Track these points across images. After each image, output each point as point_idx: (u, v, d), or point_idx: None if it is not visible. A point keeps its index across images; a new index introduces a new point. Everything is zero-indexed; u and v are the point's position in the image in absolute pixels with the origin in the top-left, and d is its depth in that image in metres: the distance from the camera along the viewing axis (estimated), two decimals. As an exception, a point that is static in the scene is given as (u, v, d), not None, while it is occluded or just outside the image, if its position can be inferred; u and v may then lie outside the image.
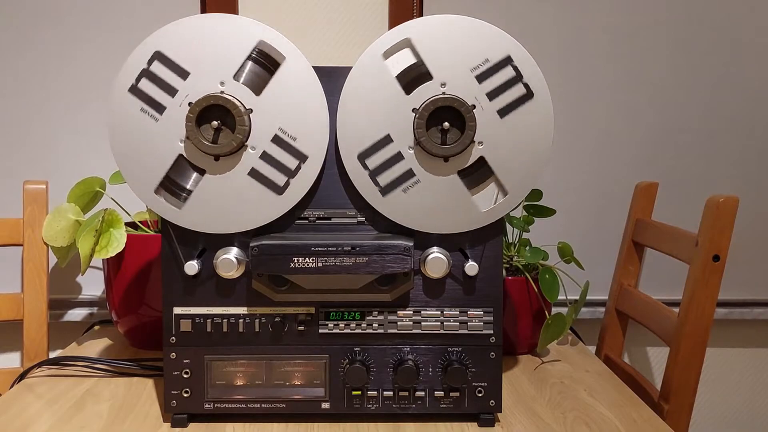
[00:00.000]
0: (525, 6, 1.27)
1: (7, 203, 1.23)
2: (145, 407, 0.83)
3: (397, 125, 0.74)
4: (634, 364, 1.38)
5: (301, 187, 0.75)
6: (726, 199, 0.91)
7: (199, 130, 0.72)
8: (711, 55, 1.29)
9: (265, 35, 0.73)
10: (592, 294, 1.15)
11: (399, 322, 0.78)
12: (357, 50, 1.25)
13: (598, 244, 1.28)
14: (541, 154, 0.75)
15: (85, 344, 1.10)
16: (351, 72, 0.74)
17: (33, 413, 0.82)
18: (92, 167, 1.14)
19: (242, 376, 0.78)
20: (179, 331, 0.77)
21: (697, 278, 0.93)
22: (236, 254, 0.75)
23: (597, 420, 0.80)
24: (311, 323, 0.78)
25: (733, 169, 1.31)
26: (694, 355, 0.94)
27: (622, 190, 1.26)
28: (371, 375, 0.78)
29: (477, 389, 0.78)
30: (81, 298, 1.28)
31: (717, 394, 1.38)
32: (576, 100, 1.29)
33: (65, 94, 1.25)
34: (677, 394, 0.95)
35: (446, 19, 0.73)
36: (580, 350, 1.09)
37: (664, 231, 1.07)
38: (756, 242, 1.32)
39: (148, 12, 1.24)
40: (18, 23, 1.23)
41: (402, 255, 0.73)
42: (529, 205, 1.07)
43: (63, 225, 1.04)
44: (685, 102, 1.30)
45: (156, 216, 1.08)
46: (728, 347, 1.37)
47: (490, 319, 0.78)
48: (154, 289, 1.01)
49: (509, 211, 0.77)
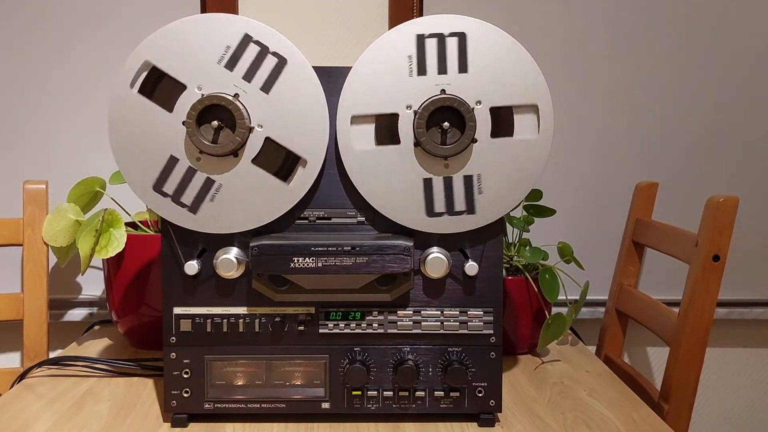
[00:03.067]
0: (525, 6, 1.27)
1: (7, 203, 1.23)
2: (145, 407, 0.83)
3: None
4: (634, 364, 1.38)
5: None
6: (726, 199, 0.91)
7: (199, 130, 0.72)
8: (711, 55, 1.29)
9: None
10: (592, 294, 1.15)
11: (399, 322, 0.78)
12: (357, 50, 1.25)
13: (598, 244, 1.28)
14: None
15: (85, 344, 1.10)
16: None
17: (33, 413, 0.82)
18: (92, 167, 1.14)
19: (242, 376, 0.78)
20: (179, 331, 0.77)
21: (697, 278, 0.93)
22: (236, 254, 0.75)
23: (597, 420, 0.80)
24: (311, 323, 0.78)
25: (733, 169, 1.31)
26: (694, 355, 0.94)
27: (622, 190, 1.26)
28: (371, 375, 0.78)
29: (477, 389, 0.78)
30: (81, 298, 1.28)
31: (717, 394, 1.38)
32: (576, 100, 1.29)
33: (65, 94, 1.25)
34: (677, 394, 0.95)
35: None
36: (580, 350, 1.09)
37: (664, 231, 1.07)
38: (756, 242, 1.32)
39: (148, 12, 1.24)
40: (18, 23, 1.24)
41: (402, 255, 0.73)
42: (529, 205, 1.07)
43: (63, 225, 1.04)
44: (685, 102, 1.30)
45: (156, 216, 1.08)
46: (728, 347, 1.37)
47: (490, 319, 0.78)
48: (154, 289, 1.01)
49: (509, 211, 0.77)
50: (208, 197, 0.74)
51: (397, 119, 0.74)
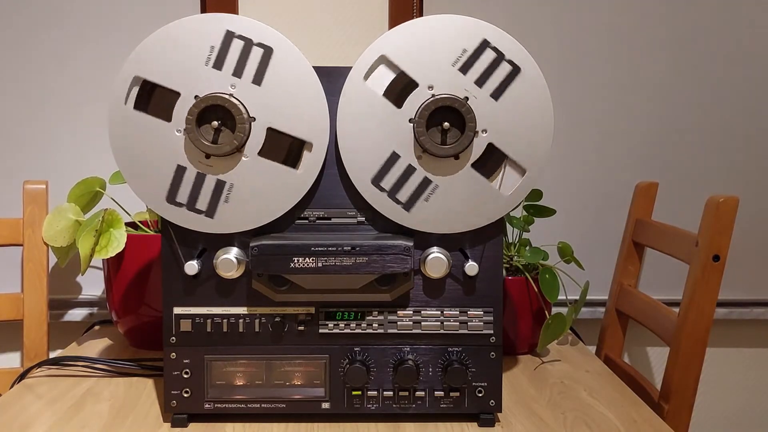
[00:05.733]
0: (525, 6, 1.27)
1: (7, 203, 1.23)
2: (145, 407, 0.83)
3: (399, 140, 0.74)
4: (634, 364, 1.38)
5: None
6: (726, 199, 0.91)
7: (199, 130, 0.72)
8: (711, 55, 1.29)
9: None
10: (592, 294, 1.15)
11: (399, 322, 0.78)
12: (357, 50, 1.25)
13: (598, 244, 1.28)
14: (546, 125, 0.74)
15: (85, 344, 1.10)
16: (339, 102, 0.74)
17: (33, 413, 0.82)
18: (92, 167, 1.14)
19: (242, 376, 0.78)
20: (179, 331, 0.77)
21: (697, 278, 0.93)
22: (236, 254, 0.75)
23: (597, 420, 0.80)
24: (311, 323, 0.78)
25: (733, 169, 1.31)
26: (694, 355, 0.94)
27: (622, 190, 1.26)
28: (371, 375, 0.78)
29: (477, 389, 0.78)
30: (81, 298, 1.28)
31: (717, 394, 1.38)
32: (576, 100, 1.29)
33: (65, 94, 1.25)
34: (677, 394, 0.95)
35: (412, 24, 0.73)
36: (580, 350, 1.09)
37: (664, 231, 1.07)
38: (756, 242, 1.32)
39: (148, 12, 1.24)
40: (18, 24, 1.24)
41: (402, 255, 0.73)
42: (529, 205, 1.07)
43: (63, 225, 1.04)
44: (685, 102, 1.30)
45: (156, 216, 1.08)
46: (728, 347, 1.37)
47: (490, 319, 0.78)
48: (154, 289, 1.01)
49: (509, 211, 0.77)
50: (222, 199, 0.74)
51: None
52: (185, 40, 0.72)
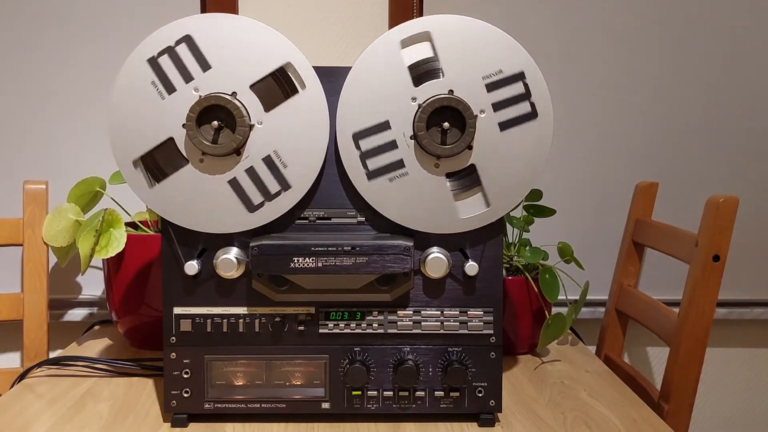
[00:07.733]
0: (525, 6, 1.27)
1: (7, 203, 1.23)
2: (145, 407, 0.83)
3: (398, 114, 0.74)
4: (634, 364, 1.38)
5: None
6: (726, 199, 0.91)
7: (199, 130, 0.72)
8: (711, 55, 1.29)
9: (294, 58, 0.73)
10: (592, 294, 1.15)
11: (399, 322, 0.78)
12: (357, 50, 1.25)
13: (598, 244, 1.28)
14: (531, 174, 0.75)
15: (85, 344, 1.10)
16: (363, 53, 0.73)
17: (33, 413, 0.82)
18: (92, 167, 1.14)
19: (242, 376, 0.78)
20: (179, 331, 0.77)
21: (697, 278, 0.93)
22: (236, 254, 0.75)
23: (597, 420, 0.80)
24: (311, 323, 0.78)
25: (733, 169, 1.31)
26: (694, 355, 0.94)
27: (622, 190, 1.26)
28: (371, 375, 0.78)
29: (477, 389, 0.78)
30: (81, 298, 1.28)
31: (717, 394, 1.38)
32: (576, 100, 1.29)
33: (65, 94, 1.25)
34: (677, 394, 0.95)
35: (469, 21, 0.73)
36: (580, 350, 1.09)
37: (664, 231, 1.07)
38: (756, 242, 1.32)
39: (148, 12, 1.24)
40: (18, 24, 1.23)
41: (402, 255, 0.73)
42: (529, 205, 1.07)
43: (63, 225, 1.04)
44: (685, 102, 1.30)
45: (156, 216, 1.08)
46: (728, 347, 1.37)
47: (490, 319, 0.78)
48: (154, 289, 1.01)
49: (509, 211, 0.77)
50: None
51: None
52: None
